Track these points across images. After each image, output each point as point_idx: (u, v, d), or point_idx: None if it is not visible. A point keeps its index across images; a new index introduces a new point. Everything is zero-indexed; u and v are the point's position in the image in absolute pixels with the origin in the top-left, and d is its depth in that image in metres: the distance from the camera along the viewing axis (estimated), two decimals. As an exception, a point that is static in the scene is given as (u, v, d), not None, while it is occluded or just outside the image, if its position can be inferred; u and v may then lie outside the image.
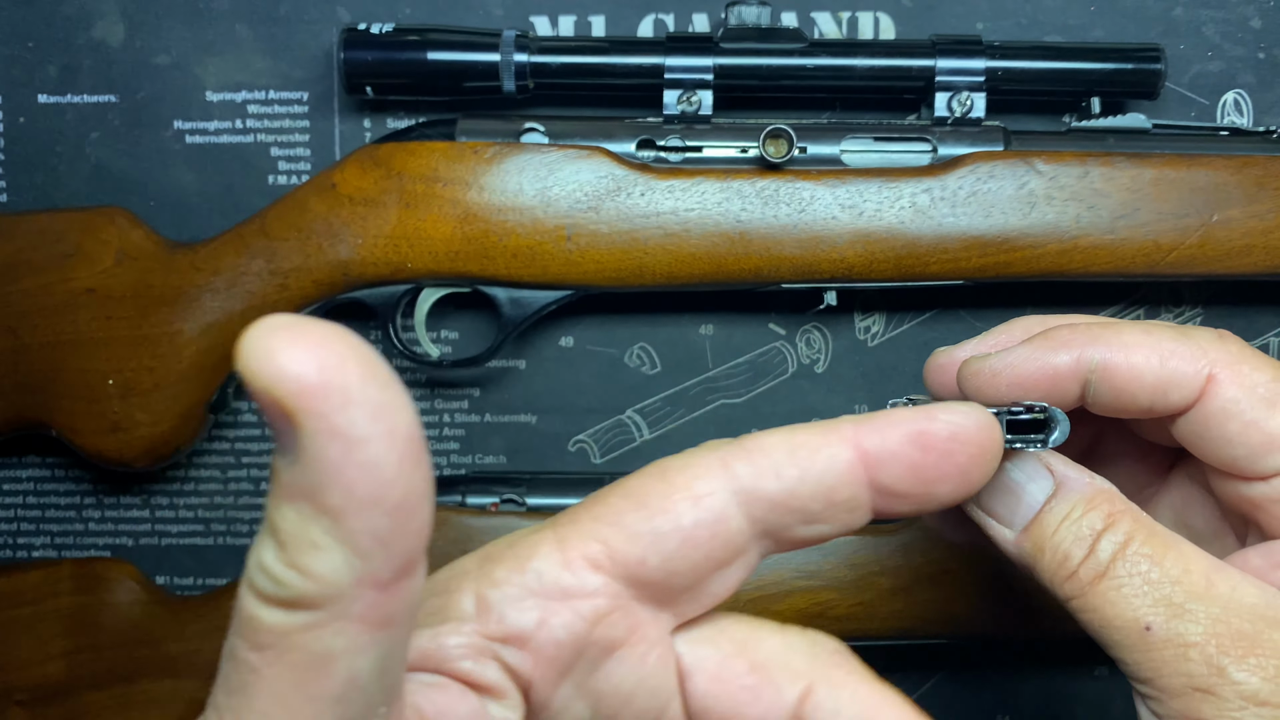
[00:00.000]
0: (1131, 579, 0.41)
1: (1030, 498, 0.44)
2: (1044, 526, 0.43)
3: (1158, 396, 0.44)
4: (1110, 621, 0.41)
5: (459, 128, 0.70)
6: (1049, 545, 0.43)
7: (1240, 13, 0.75)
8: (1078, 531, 0.42)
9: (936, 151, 0.69)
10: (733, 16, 0.70)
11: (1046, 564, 0.43)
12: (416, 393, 0.78)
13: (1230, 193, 0.68)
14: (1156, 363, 0.44)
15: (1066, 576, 0.42)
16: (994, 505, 0.44)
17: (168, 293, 0.70)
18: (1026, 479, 0.44)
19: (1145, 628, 0.40)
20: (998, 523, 0.44)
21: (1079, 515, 0.43)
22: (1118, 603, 0.41)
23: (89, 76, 0.76)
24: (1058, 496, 0.43)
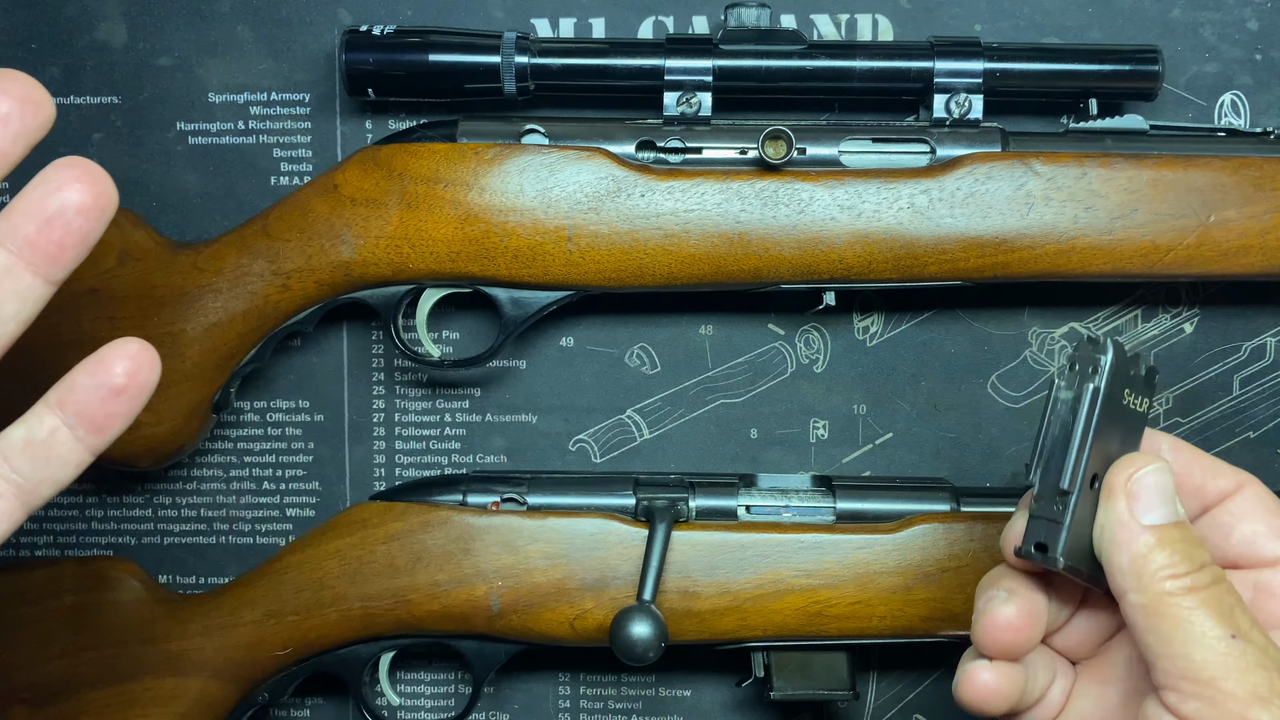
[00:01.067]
0: (1224, 603, 0.49)
1: (1167, 510, 0.51)
2: (1168, 534, 0.50)
3: (1208, 478, 0.54)
4: (1200, 621, 0.48)
5: (460, 129, 0.70)
6: (1169, 547, 0.50)
7: (1237, 14, 0.75)
8: (1192, 553, 0.50)
9: (935, 152, 0.70)
10: (732, 18, 0.71)
11: (1158, 559, 0.49)
12: (418, 392, 0.78)
13: (1227, 193, 0.68)
14: (1202, 464, 0.55)
15: (1172, 576, 0.49)
16: (1142, 493, 0.51)
17: (170, 293, 0.70)
18: (1168, 497, 0.51)
19: (1231, 635, 0.48)
20: (1130, 507, 0.51)
21: (1195, 544, 0.50)
22: (1213, 610, 0.48)
23: (91, 78, 0.77)
24: (1183, 524, 0.51)
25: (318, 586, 0.70)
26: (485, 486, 0.72)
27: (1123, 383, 0.52)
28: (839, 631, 0.70)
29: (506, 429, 0.78)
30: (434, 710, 0.80)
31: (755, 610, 0.69)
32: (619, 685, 0.79)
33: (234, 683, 0.71)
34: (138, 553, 0.79)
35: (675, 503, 0.70)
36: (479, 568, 0.69)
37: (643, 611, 0.64)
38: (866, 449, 0.78)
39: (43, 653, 0.71)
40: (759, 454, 0.78)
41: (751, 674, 0.72)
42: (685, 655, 0.75)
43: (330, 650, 0.72)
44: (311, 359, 0.78)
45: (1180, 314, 0.77)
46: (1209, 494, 0.55)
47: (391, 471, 0.79)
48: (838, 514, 0.71)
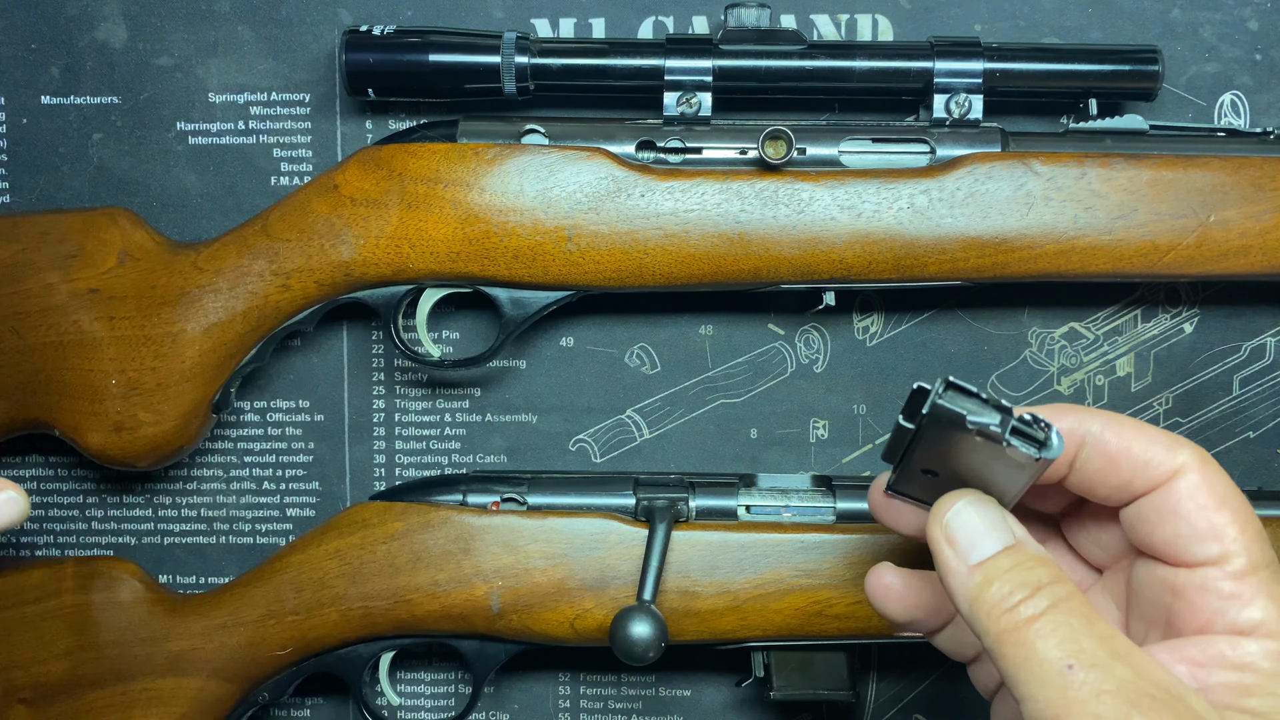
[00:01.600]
0: (1064, 626, 0.46)
1: (993, 540, 0.49)
2: (997, 566, 0.48)
3: (1137, 470, 0.50)
4: (1037, 655, 0.45)
5: (460, 129, 0.70)
6: (998, 580, 0.48)
7: (1237, 15, 0.75)
8: (1025, 577, 0.48)
9: (934, 153, 0.70)
10: (732, 19, 0.71)
11: (989, 596, 0.48)
12: (418, 392, 0.78)
13: (1227, 193, 0.68)
14: (1143, 442, 0.51)
15: (1005, 610, 0.47)
16: (958, 535, 0.50)
17: (170, 293, 0.70)
18: (991, 527, 0.50)
19: (1068, 666, 0.45)
20: (955, 553, 0.50)
21: (1030, 566, 0.48)
22: (1048, 640, 0.46)
23: (91, 78, 0.77)
24: (1015, 548, 0.49)
25: (318, 586, 0.70)
26: (485, 486, 0.72)
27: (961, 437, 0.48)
28: (839, 631, 0.70)
29: (506, 429, 0.78)
30: (434, 710, 0.80)
31: (755, 610, 0.69)
32: (619, 685, 0.79)
33: (234, 682, 0.72)
34: (138, 553, 0.79)
35: (675, 503, 0.70)
36: (479, 567, 0.69)
37: (643, 611, 0.64)
38: (866, 449, 0.78)
39: (43, 652, 0.72)
40: (759, 454, 0.78)
41: (751, 674, 0.72)
42: (685, 655, 0.75)
43: (330, 650, 0.72)
44: (311, 359, 0.78)
45: (1180, 314, 0.77)
46: (1149, 478, 0.51)
47: (391, 471, 0.79)
48: (838, 514, 0.71)
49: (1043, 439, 0.47)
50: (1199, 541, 0.49)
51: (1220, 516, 0.49)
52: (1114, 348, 0.77)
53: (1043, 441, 0.47)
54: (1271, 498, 0.70)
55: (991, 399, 0.47)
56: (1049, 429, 0.47)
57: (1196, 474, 0.50)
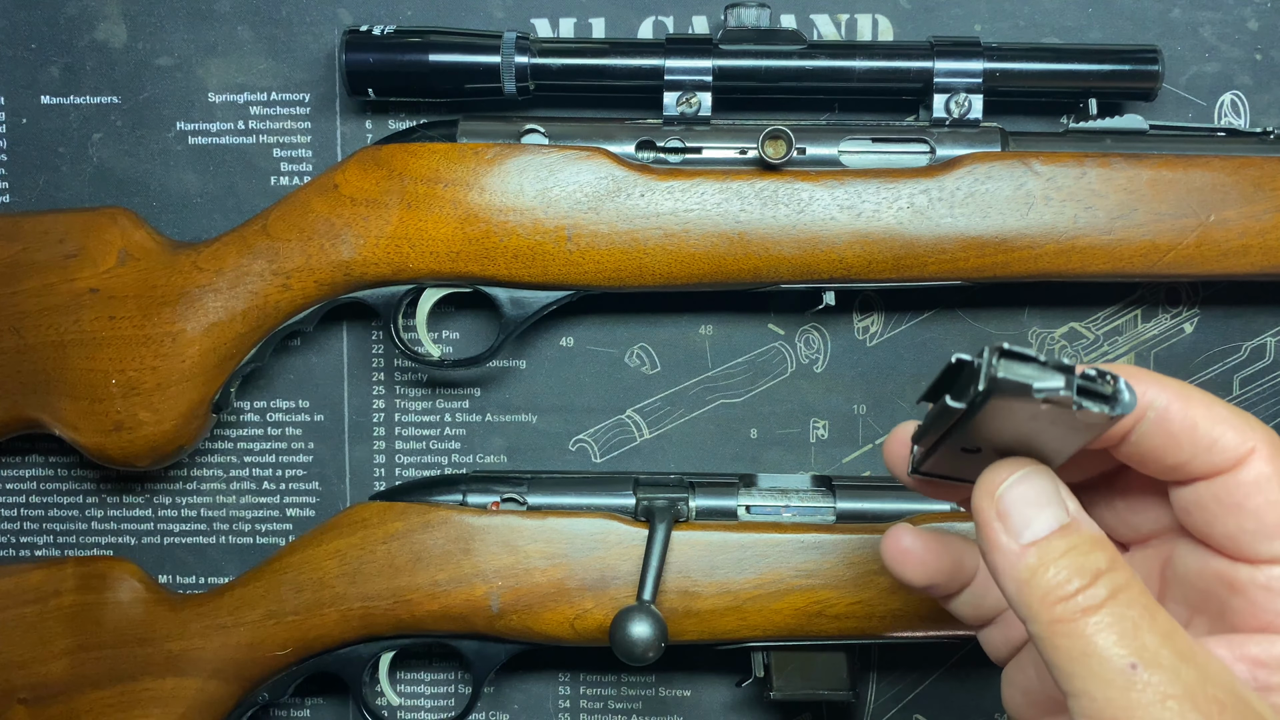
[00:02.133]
0: (1125, 620, 0.42)
1: (1047, 518, 0.44)
2: (1052, 548, 0.43)
3: (1200, 451, 0.45)
4: (1097, 651, 0.42)
5: (460, 129, 0.70)
6: (1054, 565, 0.43)
7: (1237, 14, 0.75)
8: (1083, 563, 0.43)
9: (934, 152, 0.70)
10: (732, 18, 0.71)
11: (1043, 581, 0.43)
12: (418, 392, 0.78)
13: (1227, 193, 0.68)
14: (1211, 421, 0.45)
15: (1061, 598, 0.43)
16: (1010, 509, 0.45)
17: (170, 293, 0.70)
18: (1046, 502, 0.44)
19: (1131, 665, 0.41)
20: (1005, 530, 0.44)
21: (1087, 550, 0.43)
22: (1108, 635, 0.42)
23: (91, 78, 0.77)
24: (1070, 528, 0.44)
25: (318, 586, 0.70)
26: (485, 486, 0.72)
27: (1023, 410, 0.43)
28: (839, 631, 0.70)
29: (506, 429, 0.78)
30: (434, 710, 0.80)
31: (755, 610, 0.69)
32: (619, 685, 0.79)
33: (234, 682, 0.72)
34: (138, 553, 0.79)
35: (675, 503, 0.70)
36: (479, 568, 0.69)
37: (643, 611, 0.64)
38: (866, 449, 0.78)
39: (42, 652, 0.72)
40: (759, 454, 0.78)
41: (751, 674, 0.72)
42: (685, 655, 0.75)
43: (330, 650, 0.72)
44: (311, 359, 0.78)
45: (1180, 314, 0.77)
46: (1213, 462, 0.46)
47: (391, 471, 0.79)
48: (838, 514, 0.71)
49: (1111, 393, 0.42)
50: (1266, 539, 0.45)
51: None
52: (1114, 348, 0.77)
53: (1111, 397, 0.42)
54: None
55: (1051, 360, 0.43)
56: (1116, 381, 0.42)
57: (1267, 462, 0.45)
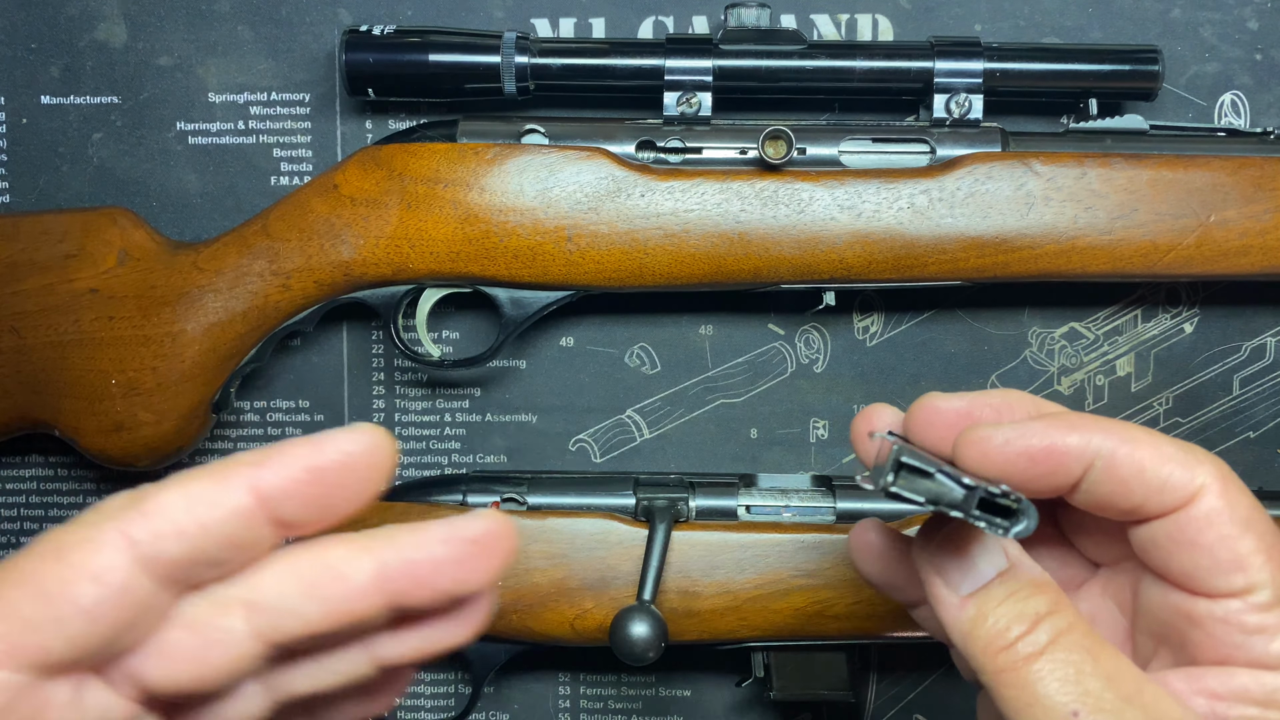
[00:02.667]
0: (1067, 665, 0.42)
1: (984, 568, 0.45)
2: (990, 597, 0.44)
3: (1151, 493, 0.45)
4: (1038, 700, 0.42)
5: (460, 129, 0.70)
6: (992, 614, 0.44)
7: (1237, 14, 0.75)
8: (1022, 609, 0.44)
9: (935, 152, 0.70)
10: (732, 18, 0.71)
11: (984, 632, 0.44)
12: (418, 392, 0.78)
13: (1227, 193, 0.68)
14: (1157, 461, 0.45)
15: (1002, 648, 0.43)
16: (946, 565, 0.46)
17: (170, 293, 0.70)
18: (982, 551, 0.45)
19: (1073, 713, 0.41)
20: (945, 583, 0.45)
21: (1026, 595, 0.44)
22: (1049, 684, 0.42)
23: (91, 78, 0.77)
24: (1009, 574, 0.45)
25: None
26: (485, 486, 0.72)
27: None
28: (839, 631, 0.70)
29: (506, 429, 0.78)
30: (434, 710, 0.80)
31: (755, 610, 0.69)
32: (619, 685, 0.79)
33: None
34: (138, 553, 0.79)
35: (675, 503, 0.70)
36: (479, 568, 0.69)
37: (643, 611, 0.64)
38: (866, 449, 0.78)
39: None
40: (759, 454, 0.78)
41: (751, 674, 0.72)
42: (685, 655, 0.75)
43: (330, 650, 0.72)
44: (311, 359, 0.78)
45: (1180, 314, 0.77)
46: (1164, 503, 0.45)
47: (391, 471, 0.79)
48: (838, 514, 0.71)
49: (1016, 509, 0.42)
50: (1221, 573, 0.45)
51: (1244, 545, 0.44)
52: (1114, 348, 0.77)
53: (1015, 513, 0.42)
54: (1272, 497, 0.70)
55: (951, 474, 0.43)
56: (1020, 501, 0.42)
57: (1216, 497, 0.45)
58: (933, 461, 0.43)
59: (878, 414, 0.51)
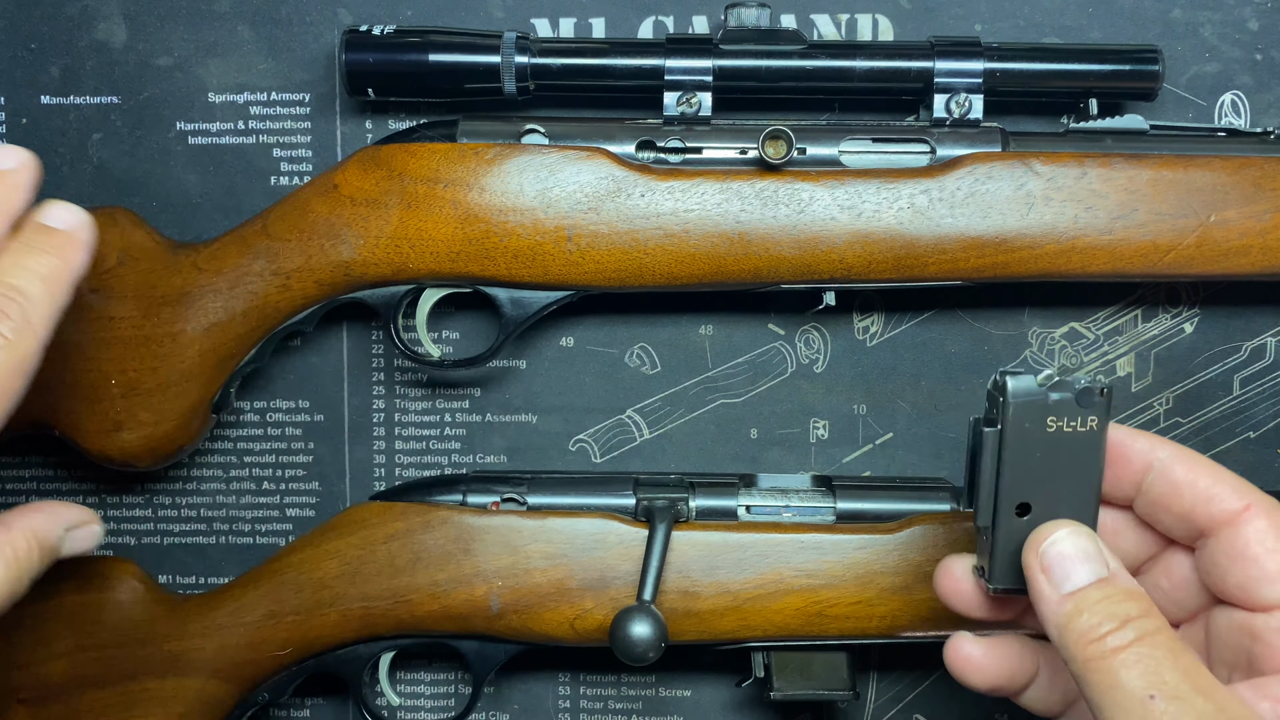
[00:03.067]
0: (1148, 659, 0.47)
1: (1086, 572, 0.51)
2: (1088, 597, 0.50)
3: (1199, 504, 0.53)
4: (1120, 684, 0.47)
5: (460, 129, 0.70)
6: (1089, 610, 0.49)
7: (1238, 14, 0.75)
8: (1115, 610, 0.49)
9: (935, 152, 0.70)
10: (732, 18, 0.71)
11: (1079, 625, 0.49)
12: (418, 392, 0.78)
13: (1228, 193, 0.68)
14: (1210, 479, 0.53)
15: (1094, 639, 0.49)
16: (1053, 564, 0.51)
17: (170, 293, 0.70)
18: (1086, 558, 0.51)
19: (1150, 696, 0.46)
20: (1048, 581, 0.51)
21: (1119, 600, 0.49)
22: (1132, 670, 0.47)
23: (91, 78, 0.77)
24: (1107, 581, 0.51)
25: (318, 587, 0.70)
26: (485, 486, 0.72)
27: (1041, 414, 0.53)
28: (839, 631, 0.70)
29: (506, 429, 0.78)
30: (434, 710, 0.80)
31: (755, 610, 0.69)
32: (619, 685, 0.79)
33: (234, 682, 0.72)
34: (138, 553, 0.79)
35: (675, 503, 0.70)
36: (479, 568, 0.69)
37: (643, 611, 0.64)
38: (866, 449, 0.78)
39: (42, 652, 0.72)
40: (759, 454, 0.78)
41: (751, 674, 0.72)
42: (685, 655, 0.75)
43: (330, 650, 0.72)
44: (311, 359, 0.78)
45: (1180, 314, 0.77)
46: (1211, 514, 0.53)
47: (391, 471, 0.79)
48: (838, 514, 0.71)
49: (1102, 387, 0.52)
50: (1270, 584, 0.51)
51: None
52: (1114, 348, 0.77)
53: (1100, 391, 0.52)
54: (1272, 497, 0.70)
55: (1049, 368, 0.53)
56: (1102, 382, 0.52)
57: (1264, 518, 0.51)
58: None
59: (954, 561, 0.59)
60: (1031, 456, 0.53)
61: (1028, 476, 0.54)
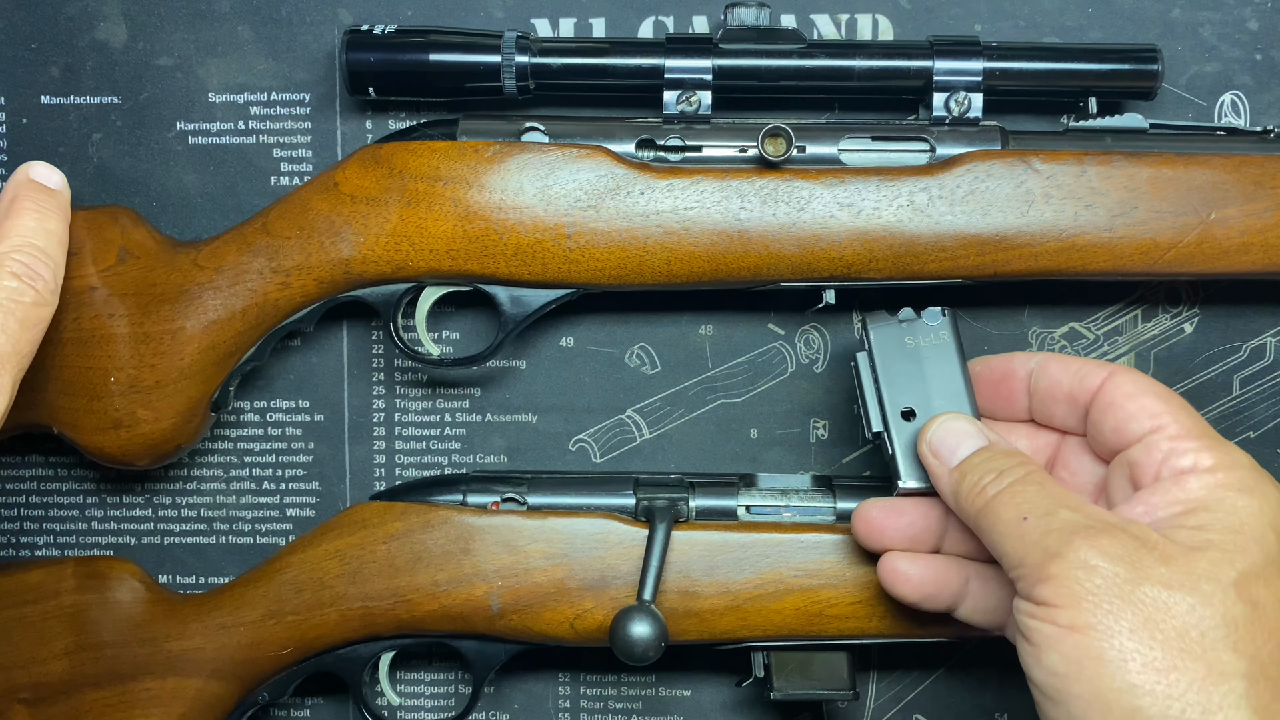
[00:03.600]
0: (1021, 494, 0.58)
1: (968, 446, 0.63)
2: (971, 462, 0.62)
3: (1076, 382, 0.64)
4: (1001, 518, 0.58)
5: (460, 128, 0.70)
6: (971, 473, 0.61)
7: (1237, 14, 0.75)
8: (992, 466, 0.61)
9: (934, 151, 0.70)
10: (732, 18, 0.71)
11: (966, 486, 0.61)
12: (418, 392, 0.78)
13: (1228, 191, 0.68)
14: (1077, 364, 0.65)
15: (978, 493, 0.60)
16: (940, 448, 0.64)
17: (170, 290, 0.70)
18: (966, 435, 0.63)
19: (1023, 518, 0.57)
20: (939, 460, 0.64)
21: (998, 459, 0.61)
22: (1009, 506, 0.58)
23: (91, 78, 0.77)
24: (987, 449, 0.63)
25: (318, 586, 0.70)
26: (485, 486, 0.72)
27: (898, 335, 0.68)
28: (839, 631, 0.70)
29: (506, 429, 0.78)
30: (434, 710, 0.80)
31: (755, 610, 0.69)
32: (619, 685, 0.79)
33: (234, 682, 0.72)
34: (138, 553, 0.79)
35: (675, 502, 0.70)
36: (479, 567, 0.69)
37: (643, 611, 0.64)
38: (866, 449, 0.78)
39: (42, 652, 0.71)
40: (759, 454, 0.78)
41: (751, 674, 0.72)
42: (685, 655, 0.75)
43: (330, 650, 0.72)
44: (311, 358, 0.78)
45: (1180, 314, 0.77)
46: (1084, 394, 0.64)
47: (391, 471, 0.79)
48: (838, 514, 0.71)
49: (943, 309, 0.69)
50: (1135, 420, 0.61)
51: (1147, 400, 0.61)
52: (1114, 347, 0.77)
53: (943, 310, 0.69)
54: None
55: None
56: None
57: (1123, 375, 0.63)
58: None
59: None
60: (902, 370, 0.67)
61: (904, 386, 0.67)
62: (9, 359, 0.59)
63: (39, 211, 0.64)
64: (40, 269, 0.62)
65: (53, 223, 0.64)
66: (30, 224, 0.63)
